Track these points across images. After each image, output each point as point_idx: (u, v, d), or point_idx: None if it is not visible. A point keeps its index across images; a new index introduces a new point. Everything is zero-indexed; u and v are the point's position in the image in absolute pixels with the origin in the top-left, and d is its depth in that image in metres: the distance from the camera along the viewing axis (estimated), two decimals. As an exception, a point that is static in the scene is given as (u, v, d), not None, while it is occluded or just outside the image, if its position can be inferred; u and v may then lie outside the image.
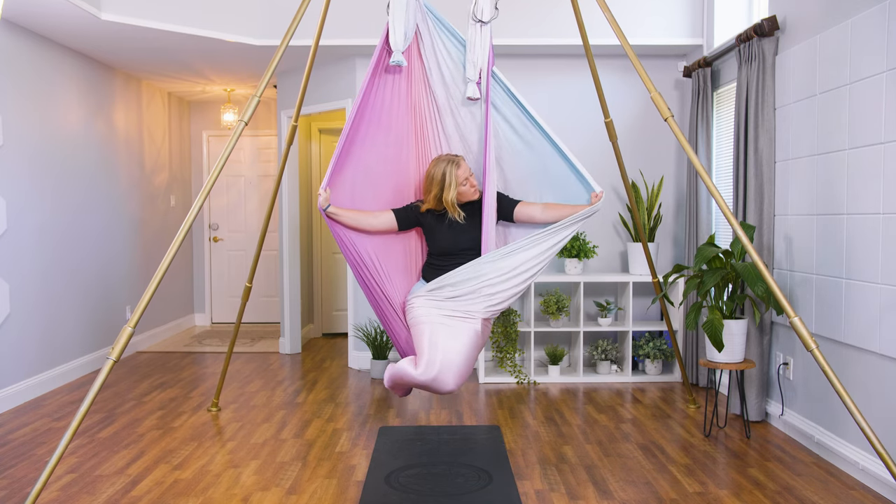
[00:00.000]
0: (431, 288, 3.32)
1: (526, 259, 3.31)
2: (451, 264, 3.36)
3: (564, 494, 3.19)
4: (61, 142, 5.36)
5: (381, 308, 3.51)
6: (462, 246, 3.41)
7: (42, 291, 5.05)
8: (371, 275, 3.45)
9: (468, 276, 3.28)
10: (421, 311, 3.30)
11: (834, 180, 3.54)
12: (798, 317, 2.97)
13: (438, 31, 3.47)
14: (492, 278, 3.28)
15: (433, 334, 3.21)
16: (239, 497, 3.18)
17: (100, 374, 2.89)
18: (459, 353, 3.19)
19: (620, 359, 5.47)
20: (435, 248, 3.47)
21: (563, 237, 3.35)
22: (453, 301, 3.29)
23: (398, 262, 3.55)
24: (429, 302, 3.30)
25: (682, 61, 5.51)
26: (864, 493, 3.20)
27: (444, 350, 3.17)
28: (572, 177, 3.44)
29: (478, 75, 3.40)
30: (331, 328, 7.40)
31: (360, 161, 3.45)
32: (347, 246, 3.41)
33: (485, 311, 3.31)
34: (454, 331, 3.23)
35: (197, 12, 5.02)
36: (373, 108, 3.43)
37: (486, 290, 3.29)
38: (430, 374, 3.13)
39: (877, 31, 3.20)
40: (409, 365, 3.19)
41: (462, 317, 3.28)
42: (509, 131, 3.49)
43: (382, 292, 3.47)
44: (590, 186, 3.40)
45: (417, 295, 3.35)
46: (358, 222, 3.40)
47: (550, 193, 3.51)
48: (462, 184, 3.38)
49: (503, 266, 3.29)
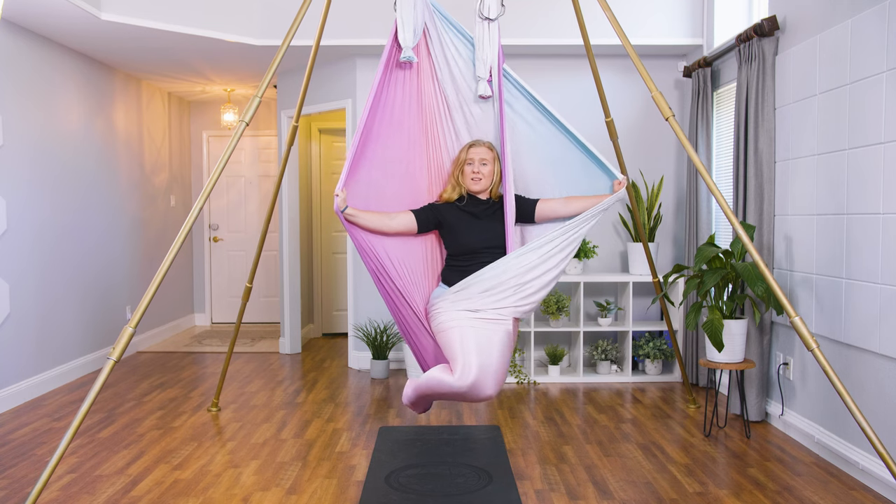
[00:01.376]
0: (457, 290, 3.16)
1: (553, 250, 3.18)
2: (474, 264, 3.22)
3: (564, 494, 3.19)
4: (61, 142, 5.36)
5: (403, 316, 3.32)
6: (485, 244, 3.28)
7: (42, 291, 5.05)
8: (392, 280, 3.25)
9: (494, 272, 3.14)
10: (447, 315, 3.12)
11: (834, 180, 3.54)
12: (798, 316, 2.97)
13: (446, 29, 3.44)
14: (522, 270, 3.14)
15: (464, 338, 3.03)
16: (239, 497, 3.18)
17: (100, 374, 2.89)
18: (494, 356, 3.04)
19: (620, 359, 5.47)
20: (456, 247, 3.33)
21: (588, 227, 3.25)
22: (482, 300, 3.12)
23: (419, 266, 3.39)
24: (455, 305, 3.14)
25: (682, 61, 5.51)
26: (864, 493, 3.20)
27: (479, 353, 3.00)
28: (593, 166, 3.37)
29: (488, 73, 3.39)
30: (331, 328, 7.40)
31: (374, 161, 3.34)
32: (366, 250, 3.22)
33: (515, 308, 3.15)
34: (486, 333, 3.07)
35: (197, 12, 5.02)
36: (384, 106, 3.34)
37: (518, 283, 3.13)
38: (468, 380, 2.94)
39: (877, 31, 3.20)
40: (442, 373, 3.02)
41: (492, 318, 3.11)
42: (524, 127, 3.42)
43: (405, 299, 3.28)
44: (612, 174, 3.33)
45: (442, 298, 3.19)
46: (376, 224, 3.22)
47: (571, 186, 3.41)
48: (467, 164, 3.30)
49: (531, 259, 3.15)
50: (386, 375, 5.48)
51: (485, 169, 3.31)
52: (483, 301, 3.12)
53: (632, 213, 4.74)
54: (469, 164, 3.32)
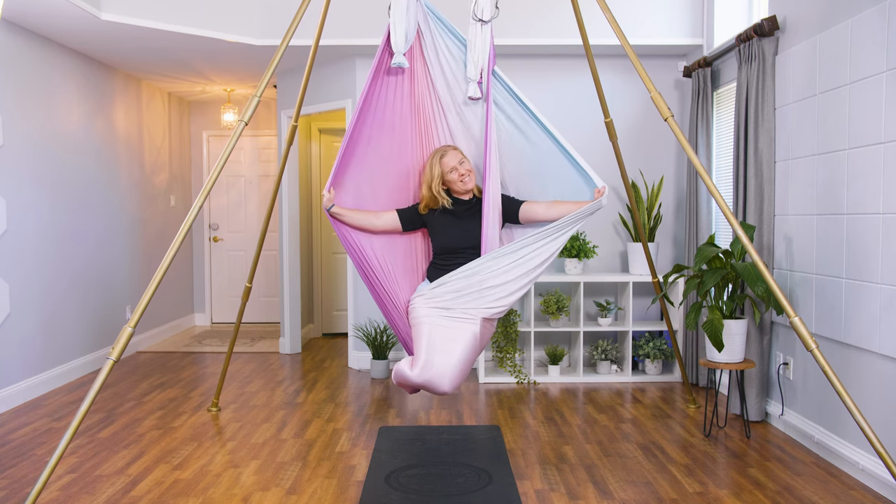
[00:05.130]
0: (433, 287, 3.31)
1: (527, 256, 3.27)
2: (455, 263, 3.35)
3: (564, 494, 3.19)
4: (61, 142, 5.36)
5: (386, 307, 3.52)
6: (465, 244, 3.39)
7: (42, 291, 5.05)
8: (376, 275, 3.45)
9: (468, 273, 3.25)
10: (421, 311, 3.28)
11: (834, 180, 3.54)
12: (798, 317, 2.97)
13: (439, 30, 3.47)
14: (492, 274, 3.24)
15: (431, 336, 3.20)
16: (239, 497, 3.18)
17: (100, 374, 2.89)
18: (456, 355, 3.17)
19: (620, 359, 5.46)
20: (438, 247, 3.46)
21: (566, 234, 3.31)
22: (453, 300, 3.26)
23: (403, 263, 3.54)
24: (429, 302, 3.29)
25: (682, 61, 5.51)
26: (864, 493, 3.20)
27: (441, 352, 3.15)
28: (575, 173, 3.42)
29: (479, 74, 3.40)
30: (331, 328, 7.40)
31: (363, 162, 3.46)
32: (353, 246, 3.42)
33: (484, 310, 3.26)
34: (452, 332, 3.21)
35: (197, 12, 5.02)
36: (375, 110, 3.42)
37: (487, 286, 3.24)
38: (426, 376, 3.11)
39: (877, 31, 3.20)
40: (406, 365, 3.18)
41: (461, 318, 3.24)
42: (512, 129, 3.47)
43: (387, 292, 3.47)
44: (592, 182, 3.37)
45: (420, 294, 3.34)
46: (362, 222, 3.42)
47: (554, 190, 3.48)
48: (449, 172, 3.38)
49: (504, 263, 3.25)
50: (386, 375, 5.48)
51: (465, 167, 3.42)
52: (454, 301, 3.27)
53: (632, 213, 4.74)
54: (452, 171, 3.40)
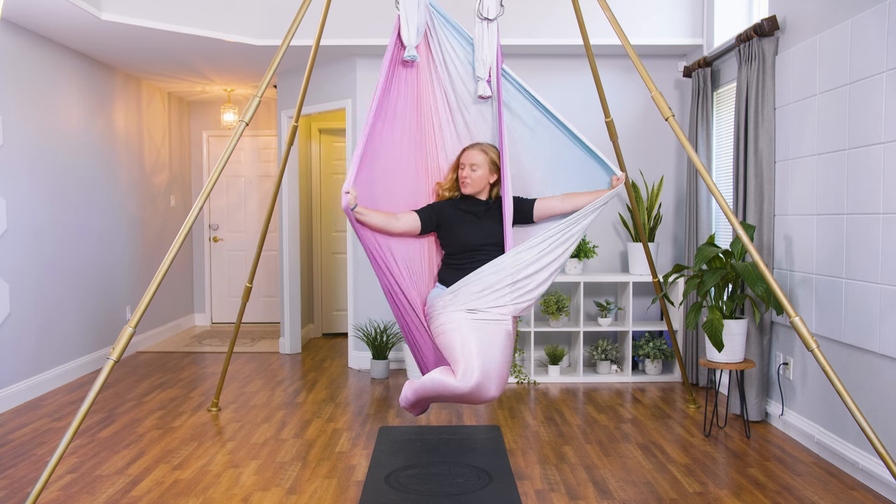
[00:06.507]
0: (454, 290, 3.16)
1: (550, 246, 3.20)
2: (475, 261, 3.23)
3: (564, 494, 3.19)
4: (61, 142, 5.36)
5: (404, 316, 3.32)
6: (483, 241, 3.28)
7: (42, 291, 5.05)
8: (396, 280, 3.25)
9: (492, 269, 3.15)
10: (446, 316, 3.13)
11: (834, 180, 3.54)
12: (798, 316, 2.97)
13: (445, 29, 3.44)
14: (517, 268, 3.15)
15: (465, 340, 3.03)
16: (239, 497, 3.18)
17: (100, 374, 2.89)
18: (496, 356, 3.04)
19: (620, 359, 5.46)
20: (454, 246, 3.33)
21: (586, 223, 3.27)
22: (480, 300, 3.13)
23: (420, 266, 3.41)
24: (453, 306, 3.14)
25: (682, 61, 5.51)
26: (864, 493, 3.20)
27: (481, 354, 3.00)
28: (591, 164, 3.39)
29: (487, 73, 3.39)
30: (331, 328, 7.40)
31: (378, 160, 3.32)
32: (374, 249, 3.20)
33: (514, 306, 3.15)
34: (486, 334, 3.07)
35: (197, 12, 5.02)
36: (388, 105, 3.34)
37: (512, 280, 3.14)
38: (471, 382, 2.94)
39: (877, 31, 3.20)
40: (444, 375, 3.01)
41: (491, 319, 3.12)
42: (522, 126, 3.43)
43: (406, 298, 3.28)
44: (610, 170, 3.36)
45: (440, 299, 3.20)
46: (382, 223, 3.21)
47: (569, 183, 3.42)
48: (461, 167, 3.34)
49: (527, 256, 3.17)
50: (386, 375, 5.48)
51: (473, 174, 3.32)
52: (481, 301, 3.13)
53: (632, 213, 4.74)
54: (461, 168, 3.36)
